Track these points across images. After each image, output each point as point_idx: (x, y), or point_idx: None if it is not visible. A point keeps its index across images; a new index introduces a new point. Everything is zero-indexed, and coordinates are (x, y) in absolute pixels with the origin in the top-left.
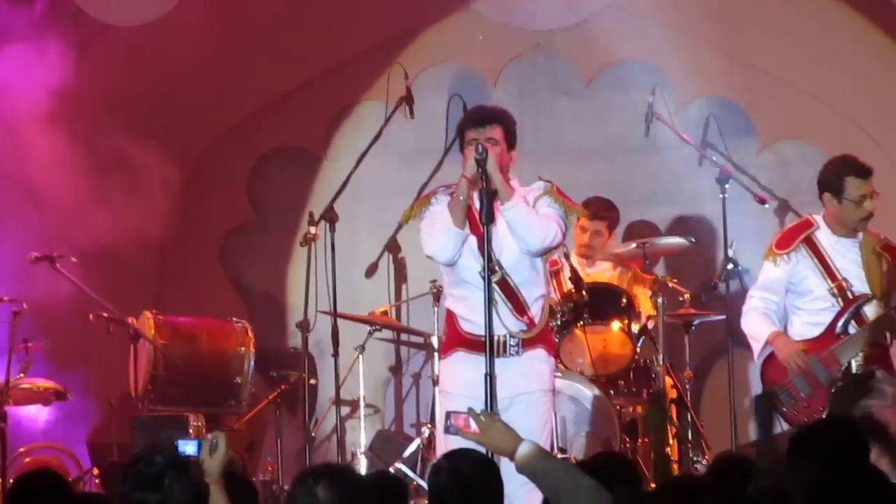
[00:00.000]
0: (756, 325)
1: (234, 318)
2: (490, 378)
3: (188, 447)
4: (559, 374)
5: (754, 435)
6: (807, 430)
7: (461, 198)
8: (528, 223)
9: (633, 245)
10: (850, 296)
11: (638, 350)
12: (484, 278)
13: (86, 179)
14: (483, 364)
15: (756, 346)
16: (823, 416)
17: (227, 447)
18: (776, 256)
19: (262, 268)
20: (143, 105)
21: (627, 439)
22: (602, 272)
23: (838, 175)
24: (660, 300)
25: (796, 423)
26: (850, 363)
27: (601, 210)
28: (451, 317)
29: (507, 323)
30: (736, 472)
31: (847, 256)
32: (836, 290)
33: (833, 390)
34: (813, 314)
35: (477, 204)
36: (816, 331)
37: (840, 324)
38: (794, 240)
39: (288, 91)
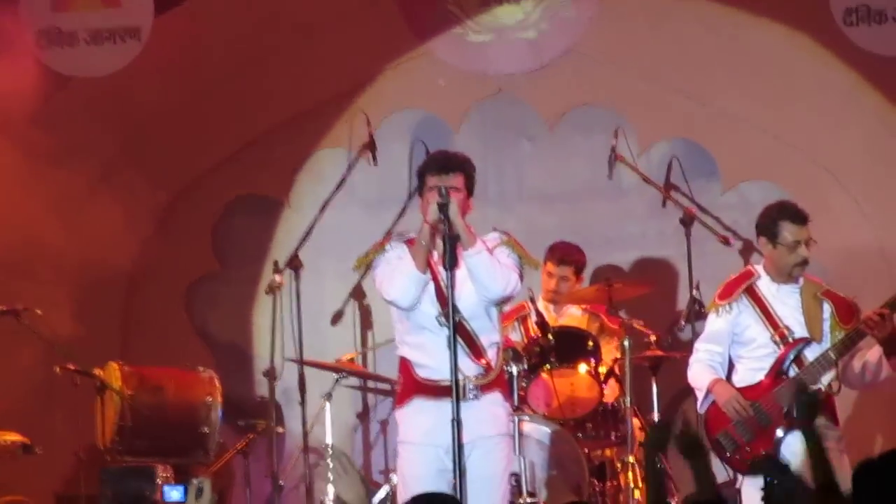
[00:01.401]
0: (699, 376)
1: (201, 368)
2: (457, 423)
3: (174, 493)
4: (526, 418)
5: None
6: (875, 461)
7: (423, 243)
8: (490, 270)
9: None
10: (791, 341)
11: (605, 393)
12: (448, 323)
13: (51, 230)
14: (443, 409)
15: (700, 396)
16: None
17: (212, 492)
18: (718, 307)
19: (227, 317)
20: (107, 155)
21: (596, 482)
22: (570, 318)
23: (773, 220)
24: (626, 342)
25: (739, 469)
26: (791, 406)
27: (568, 255)
28: (405, 365)
29: (464, 367)
30: None
31: (788, 303)
32: (777, 338)
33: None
34: (756, 360)
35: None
36: (759, 376)
37: (781, 368)
38: (735, 290)
39: (251, 140)
